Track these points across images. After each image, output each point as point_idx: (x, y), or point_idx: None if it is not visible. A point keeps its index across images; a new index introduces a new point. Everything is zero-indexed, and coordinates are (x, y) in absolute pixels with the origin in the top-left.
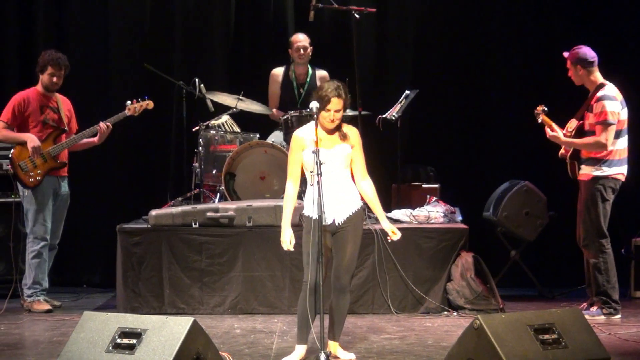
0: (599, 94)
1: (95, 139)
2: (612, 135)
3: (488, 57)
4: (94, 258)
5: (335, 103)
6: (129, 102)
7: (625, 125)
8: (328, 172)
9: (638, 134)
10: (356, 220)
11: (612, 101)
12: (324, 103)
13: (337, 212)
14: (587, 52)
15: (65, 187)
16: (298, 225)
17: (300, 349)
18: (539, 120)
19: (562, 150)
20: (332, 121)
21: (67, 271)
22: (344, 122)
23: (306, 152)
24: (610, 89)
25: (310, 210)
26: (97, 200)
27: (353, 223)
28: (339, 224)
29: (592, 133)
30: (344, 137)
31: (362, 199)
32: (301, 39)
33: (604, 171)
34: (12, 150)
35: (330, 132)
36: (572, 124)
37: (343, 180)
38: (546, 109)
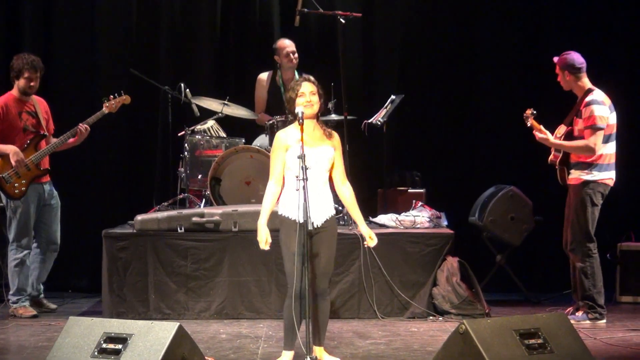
0: (587, 98)
1: (74, 140)
2: (601, 140)
3: (474, 62)
4: (80, 263)
5: (307, 86)
6: (105, 100)
7: (614, 130)
8: (310, 173)
9: (624, 140)
10: (331, 224)
11: (600, 106)
12: (296, 90)
13: (315, 215)
14: (576, 58)
15: (49, 190)
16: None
17: (288, 355)
18: (528, 124)
19: (551, 156)
20: (310, 103)
21: (53, 276)
22: (327, 127)
23: (290, 152)
24: (599, 94)
25: (287, 210)
26: (83, 205)
27: (329, 227)
28: (316, 226)
29: (581, 138)
30: (329, 135)
31: (337, 205)
32: (289, 44)
33: (594, 175)
34: None
35: (314, 131)
36: (561, 129)
37: (322, 184)
38: (535, 112)
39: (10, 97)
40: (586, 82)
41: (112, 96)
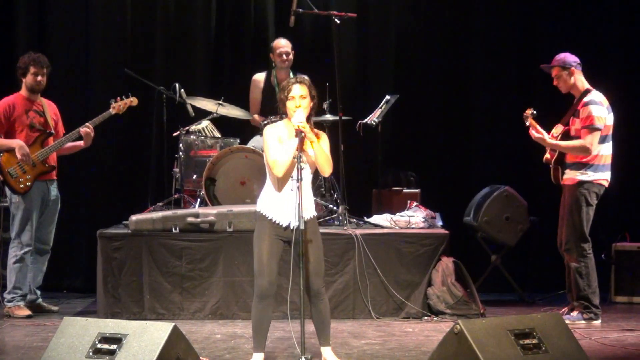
0: (586, 99)
1: (82, 143)
2: (597, 140)
3: (469, 62)
4: (74, 263)
5: (297, 88)
6: (112, 101)
7: (611, 131)
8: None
9: (620, 141)
10: (313, 226)
11: (599, 106)
12: (286, 92)
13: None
14: (573, 56)
15: (54, 190)
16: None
17: (257, 357)
18: (527, 123)
19: (547, 155)
20: (299, 108)
21: (48, 276)
22: (317, 128)
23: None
24: (597, 95)
25: (264, 208)
26: (78, 205)
27: (311, 228)
28: (294, 227)
29: (577, 138)
30: (316, 136)
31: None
32: (284, 44)
33: (589, 176)
34: None
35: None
36: (558, 129)
37: (305, 185)
38: (535, 112)
39: (18, 97)
40: (584, 81)
41: (119, 98)
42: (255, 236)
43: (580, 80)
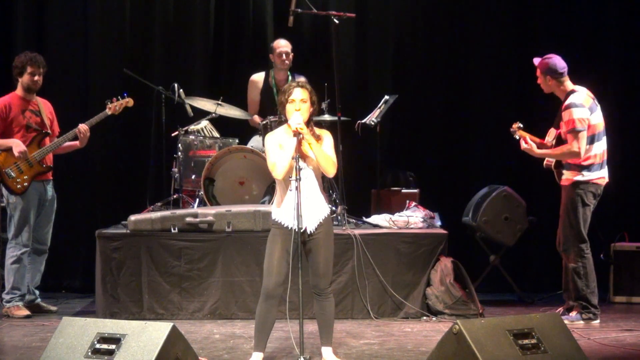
0: (567, 102)
1: (77, 143)
2: (584, 142)
3: (468, 62)
4: (73, 263)
5: (298, 92)
6: (108, 101)
7: (600, 129)
8: (302, 178)
9: (616, 138)
10: (326, 226)
11: (578, 108)
12: (287, 95)
13: (309, 219)
14: (557, 62)
15: (50, 190)
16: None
17: (256, 357)
18: (517, 137)
19: (545, 161)
20: (299, 111)
21: (47, 276)
22: (319, 127)
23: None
24: (578, 96)
25: (279, 216)
26: (76, 205)
27: (324, 229)
28: (311, 231)
29: (567, 142)
30: (317, 138)
31: (329, 204)
32: (284, 45)
33: (584, 176)
34: None
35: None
36: (552, 133)
37: (313, 188)
38: (521, 125)
39: (14, 96)
40: (568, 84)
41: (115, 98)
42: (269, 238)
43: (563, 85)
